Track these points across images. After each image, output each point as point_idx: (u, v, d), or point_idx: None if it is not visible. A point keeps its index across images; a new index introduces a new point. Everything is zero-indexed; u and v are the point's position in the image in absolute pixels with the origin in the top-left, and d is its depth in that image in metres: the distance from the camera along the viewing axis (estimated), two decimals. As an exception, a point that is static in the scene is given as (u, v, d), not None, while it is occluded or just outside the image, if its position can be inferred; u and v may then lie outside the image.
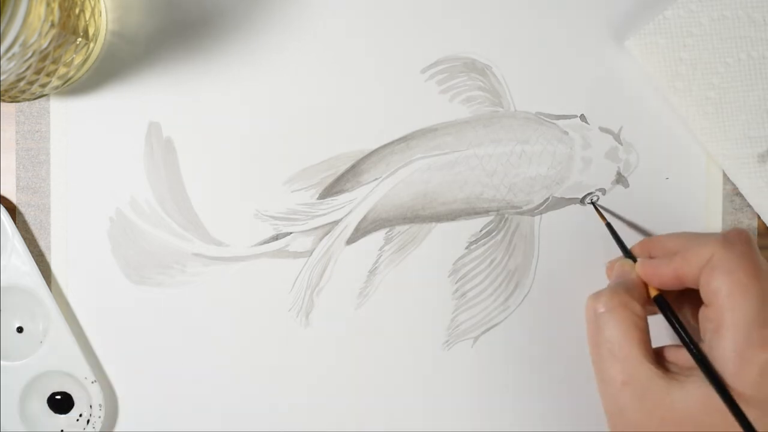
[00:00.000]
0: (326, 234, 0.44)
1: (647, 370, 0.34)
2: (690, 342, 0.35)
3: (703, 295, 0.35)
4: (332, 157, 0.44)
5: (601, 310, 0.36)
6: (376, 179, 0.44)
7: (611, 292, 0.36)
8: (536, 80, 0.44)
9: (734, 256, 0.34)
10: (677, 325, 0.36)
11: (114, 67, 0.44)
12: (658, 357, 0.36)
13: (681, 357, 0.36)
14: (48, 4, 0.36)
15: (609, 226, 0.42)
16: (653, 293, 0.37)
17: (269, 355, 0.44)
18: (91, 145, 0.44)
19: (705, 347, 0.35)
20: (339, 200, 0.44)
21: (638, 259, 0.38)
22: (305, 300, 0.44)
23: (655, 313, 0.38)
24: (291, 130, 0.44)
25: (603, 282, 0.43)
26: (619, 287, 0.37)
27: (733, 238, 0.35)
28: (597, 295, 0.37)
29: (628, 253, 0.40)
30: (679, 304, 0.39)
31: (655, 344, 0.36)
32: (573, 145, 0.44)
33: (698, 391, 0.33)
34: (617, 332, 0.35)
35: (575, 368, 0.44)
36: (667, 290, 0.37)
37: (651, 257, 0.39)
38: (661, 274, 0.37)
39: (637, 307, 0.36)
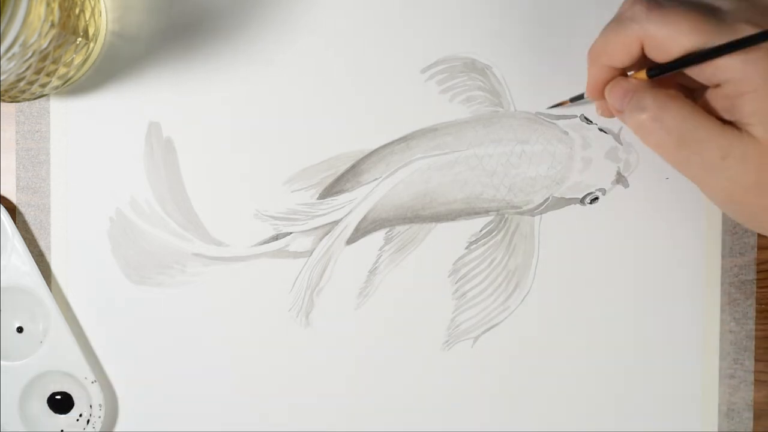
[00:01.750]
0: (326, 234, 0.44)
1: (730, 133, 0.34)
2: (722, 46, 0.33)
3: (711, 71, 0.34)
4: (332, 157, 0.44)
5: (656, 114, 0.35)
6: (376, 179, 0.44)
7: (651, 95, 0.35)
8: (536, 80, 0.44)
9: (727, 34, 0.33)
10: (703, 53, 0.34)
11: (114, 67, 0.44)
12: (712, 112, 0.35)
13: (720, 107, 0.35)
14: (48, 4, 0.36)
15: (573, 99, 0.42)
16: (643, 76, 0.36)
17: (269, 355, 0.44)
18: (91, 145, 0.44)
19: (730, 89, 0.34)
20: (339, 200, 0.44)
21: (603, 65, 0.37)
22: (305, 300, 0.44)
23: None
24: (291, 130, 0.44)
25: (604, 282, 0.44)
26: (647, 92, 0.36)
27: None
28: (640, 109, 0.35)
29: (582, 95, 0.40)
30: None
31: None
32: (573, 145, 0.44)
33: (763, 119, 0.33)
34: (687, 121, 0.34)
35: (575, 368, 0.44)
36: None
37: None
38: (616, 51, 0.36)
39: (679, 93, 0.35)
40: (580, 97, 0.41)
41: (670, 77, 0.36)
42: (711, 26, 0.33)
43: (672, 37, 0.34)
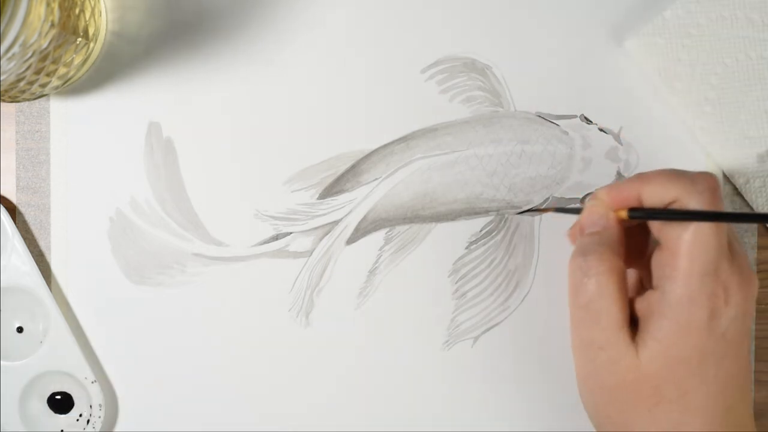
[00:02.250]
0: (326, 234, 0.44)
1: (624, 337, 0.34)
2: (674, 212, 0.34)
3: (660, 235, 0.35)
4: (332, 157, 0.44)
5: (590, 272, 0.35)
6: (376, 179, 0.44)
7: (599, 255, 0.35)
8: (536, 80, 0.44)
9: (700, 204, 0.33)
10: (663, 213, 0.34)
11: (114, 67, 0.44)
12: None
13: (640, 308, 0.35)
14: (48, 4, 0.36)
15: (561, 209, 0.42)
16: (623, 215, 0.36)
17: (269, 355, 0.44)
18: (91, 145, 0.44)
19: (657, 293, 0.34)
20: (339, 200, 0.44)
21: (604, 186, 0.37)
22: (305, 300, 0.44)
23: None
24: (291, 130, 0.44)
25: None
26: (603, 246, 0.35)
27: (701, 186, 0.34)
28: (584, 258, 0.35)
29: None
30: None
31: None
32: (573, 145, 0.44)
33: (658, 346, 0.34)
34: (604, 299, 0.35)
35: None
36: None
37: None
38: (624, 194, 0.36)
39: (623, 269, 0.35)
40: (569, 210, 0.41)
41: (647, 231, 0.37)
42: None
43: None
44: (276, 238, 0.44)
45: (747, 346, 0.35)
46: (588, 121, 0.44)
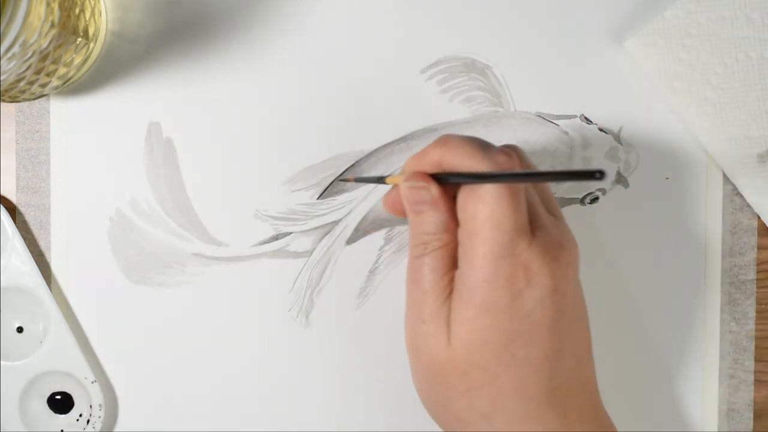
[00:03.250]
0: (326, 234, 0.44)
1: (443, 312, 0.33)
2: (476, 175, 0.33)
3: (460, 213, 0.33)
4: (332, 157, 0.44)
5: (425, 252, 0.34)
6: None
7: (434, 237, 0.34)
8: (536, 80, 0.44)
9: (496, 185, 0.32)
10: (465, 175, 0.33)
11: (114, 67, 0.44)
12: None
13: (455, 287, 0.34)
14: (48, 4, 0.36)
15: (360, 179, 0.42)
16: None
17: (269, 355, 0.44)
18: (91, 145, 0.44)
19: (458, 275, 0.33)
20: (339, 200, 0.44)
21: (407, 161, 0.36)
22: (305, 300, 0.44)
23: None
24: (291, 130, 0.44)
25: (603, 283, 0.44)
26: (438, 226, 0.34)
27: (501, 162, 0.33)
28: (421, 236, 0.34)
29: (382, 179, 0.38)
30: None
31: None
32: (573, 145, 0.44)
33: (462, 329, 0.33)
34: (435, 274, 0.34)
35: (575, 368, 0.44)
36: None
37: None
38: (427, 159, 0.35)
39: (451, 238, 0.34)
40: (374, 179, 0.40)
41: None
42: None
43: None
44: (276, 238, 0.44)
45: (554, 325, 0.33)
46: (588, 121, 0.44)
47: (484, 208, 0.32)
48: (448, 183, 0.34)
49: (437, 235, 0.34)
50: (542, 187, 0.36)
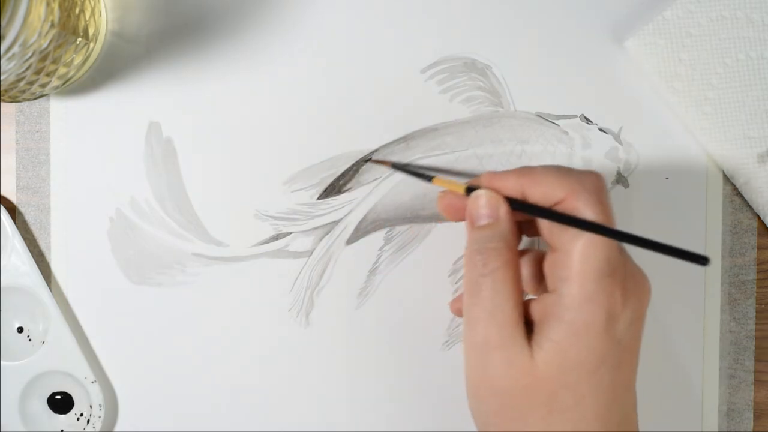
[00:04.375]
0: (326, 234, 0.44)
1: (520, 336, 0.33)
2: (559, 216, 0.33)
3: (551, 237, 0.33)
4: (332, 157, 0.44)
5: (485, 270, 0.34)
6: (376, 179, 0.44)
7: (496, 252, 0.34)
8: (536, 80, 0.44)
9: (589, 204, 0.32)
10: (544, 211, 0.33)
11: (114, 67, 0.44)
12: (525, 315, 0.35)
13: (536, 310, 0.34)
14: (48, 4, 0.36)
15: (398, 167, 0.42)
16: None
17: (269, 355, 0.44)
18: (91, 145, 0.44)
19: (554, 296, 0.33)
20: (339, 200, 0.44)
21: (485, 173, 0.36)
22: (305, 300, 0.44)
23: None
24: (291, 130, 0.44)
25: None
26: (500, 242, 0.34)
27: (587, 185, 0.33)
28: (480, 255, 0.34)
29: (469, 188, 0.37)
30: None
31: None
32: (573, 145, 0.44)
33: (555, 348, 0.32)
34: (500, 296, 0.33)
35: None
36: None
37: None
38: (509, 186, 0.34)
39: (518, 264, 0.34)
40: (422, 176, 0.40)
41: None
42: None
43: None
44: (276, 238, 0.44)
45: (637, 353, 0.34)
46: (588, 121, 0.44)
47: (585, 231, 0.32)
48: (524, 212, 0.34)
49: (498, 250, 0.34)
50: None
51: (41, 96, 0.43)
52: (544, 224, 0.34)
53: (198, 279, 0.44)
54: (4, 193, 0.45)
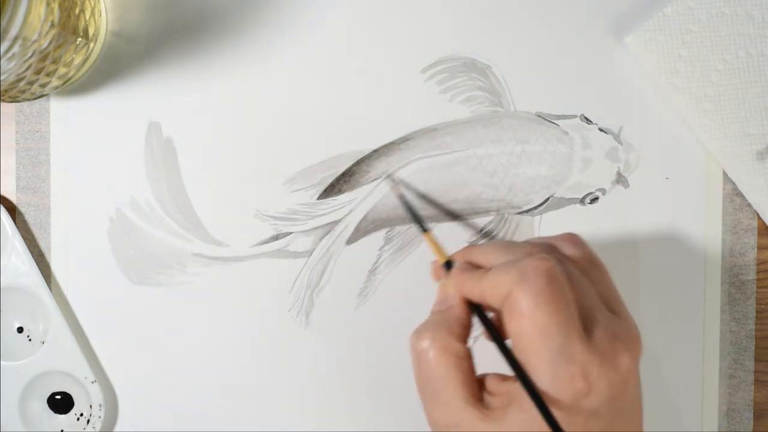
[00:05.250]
0: (326, 234, 0.44)
1: (469, 415, 0.33)
2: (505, 351, 0.33)
3: (508, 334, 0.33)
4: (332, 157, 0.44)
5: (421, 357, 0.34)
6: (376, 179, 0.44)
7: (432, 335, 0.34)
8: (536, 80, 0.44)
9: (530, 294, 0.31)
10: (493, 335, 0.34)
11: (114, 67, 0.44)
12: (481, 389, 0.34)
13: (499, 391, 0.33)
14: (48, 4, 0.36)
15: (403, 200, 0.42)
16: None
17: (269, 355, 0.44)
18: (91, 145, 0.44)
19: (514, 388, 0.32)
20: (339, 200, 0.44)
21: (454, 267, 0.37)
22: (305, 300, 0.44)
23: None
24: (291, 130, 0.44)
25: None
26: (440, 326, 0.34)
27: (529, 274, 0.32)
28: (419, 335, 0.34)
29: (425, 229, 0.39)
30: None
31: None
32: (573, 145, 0.44)
33: (516, 423, 0.32)
34: (440, 377, 0.33)
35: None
36: None
37: (472, 263, 0.37)
38: (470, 292, 0.35)
39: (460, 349, 0.34)
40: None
41: None
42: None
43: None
44: (276, 238, 0.44)
45: (625, 420, 0.33)
46: (588, 121, 0.44)
47: (526, 322, 0.31)
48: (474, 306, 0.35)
49: (444, 335, 0.34)
50: (601, 283, 0.35)
51: (41, 96, 0.43)
52: (504, 324, 0.33)
53: (198, 279, 0.44)
54: (4, 193, 0.45)
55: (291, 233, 0.44)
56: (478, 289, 0.34)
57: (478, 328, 0.35)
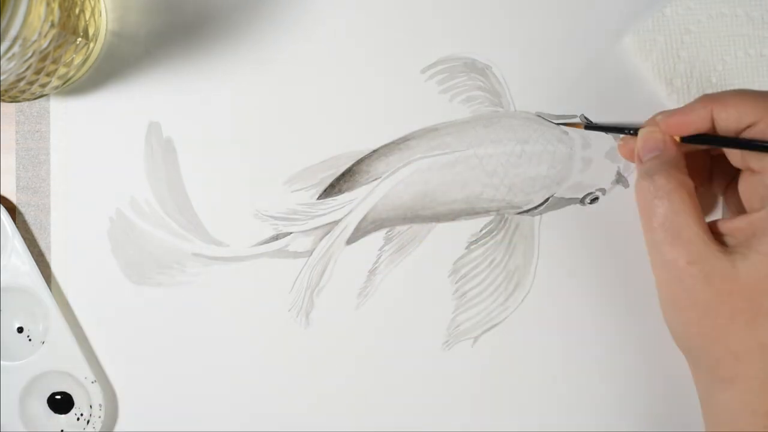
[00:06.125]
0: (326, 234, 0.44)
1: (713, 248, 0.34)
2: (749, 143, 0.34)
3: (746, 161, 0.35)
4: (332, 157, 0.44)
5: (659, 192, 0.35)
6: (376, 179, 0.44)
7: (666, 174, 0.35)
8: (536, 80, 0.44)
9: None
10: (732, 141, 0.35)
11: (114, 67, 0.44)
12: (714, 233, 0.35)
13: (737, 228, 0.35)
14: (48, 4, 0.36)
15: (591, 126, 0.42)
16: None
17: (269, 355, 0.44)
18: (91, 145, 0.44)
19: (762, 213, 0.34)
20: (339, 200, 0.44)
21: (660, 115, 0.38)
22: (305, 300, 0.44)
23: None
24: (291, 130, 0.44)
25: (603, 282, 0.44)
26: (668, 165, 0.36)
27: None
28: (650, 178, 0.36)
29: (635, 131, 0.39)
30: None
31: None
32: (573, 145, 0.44)
33: (763, 258, 0.33)
34: (681, 213, 0.35)
35: (575, 368, 0.44)
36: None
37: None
38: (693, 118, 0.36)
39: (692, 185, 0.36)
40: (604, 128, 0.42)
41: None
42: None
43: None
44: (276, 238, 0.44)
45: None
46: (588, 121, 0.44)
47: None
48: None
49: (667, 173, 0.35)
50: None
51: (41, 96, 0.43)
52: (734, 152, 0.35)
53: (198, 279, 0.44)
54: (4, 193, 0.45)
55: (291, 233, 0.44)
56: (707, 115, 0.35)
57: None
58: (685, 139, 0.36)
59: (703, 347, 0.35)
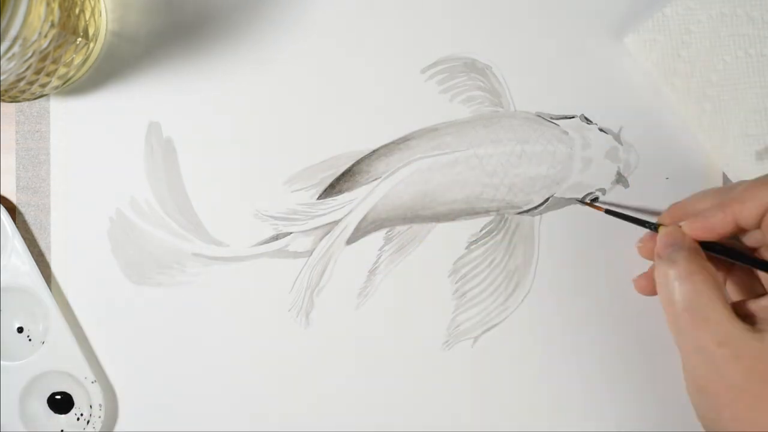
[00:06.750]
0: (326, 234, 0.44)
1: (741, 328, 0.34)
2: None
3: None
4: (332, 157, 0.44)
5: (682, 275, 0.35)
6: (376, 179, 0.44)
7: (687, 258, 0.36)
8: (536, 80, 0.44)
9: None
10: (750, 259, 0.36)
11: (114, 67, 0.44)
12: (739, 314, 0.35)
13: (762, 307, 0.35)
14: (48, 4, 0.36)
15: (612, 212, 0.42)
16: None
17: (269, 355, 0.44)
18: (91, 145, 0.44)
19: None
20: (339, 200, 0.44)
21: (684, 221, 0.38)
22: (305, 300, 0.44)
23: None
24: (291, 130, 0.44)
25: (603, 281, 0.44)
26: (689, 251, 0.36)
27: None
28: (673, 262, 0.36)
29: (654, 226, 0.39)
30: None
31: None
32: (573, 145, 0.44)
33: None
34: (706, 296, 0.34)
35: (575, 368, 0.44)
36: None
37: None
38: (715, 223, 0.36)
39: (713, 269, 0.36)
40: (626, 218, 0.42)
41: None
42: None
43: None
44: (276, 238, 0.44)
45: None
46: (588, 121, 0.44)
47: None
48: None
49: (687, 258, 0.36)
50: None
51: (41, 96, 0.43)
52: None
53: (198, 279, 0.44)
54: (4, 193, 0.45)
55: (291, 233, 0.44)
56: (727, 212, 0.36)
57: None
58: (706, 247, 0.37)
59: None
